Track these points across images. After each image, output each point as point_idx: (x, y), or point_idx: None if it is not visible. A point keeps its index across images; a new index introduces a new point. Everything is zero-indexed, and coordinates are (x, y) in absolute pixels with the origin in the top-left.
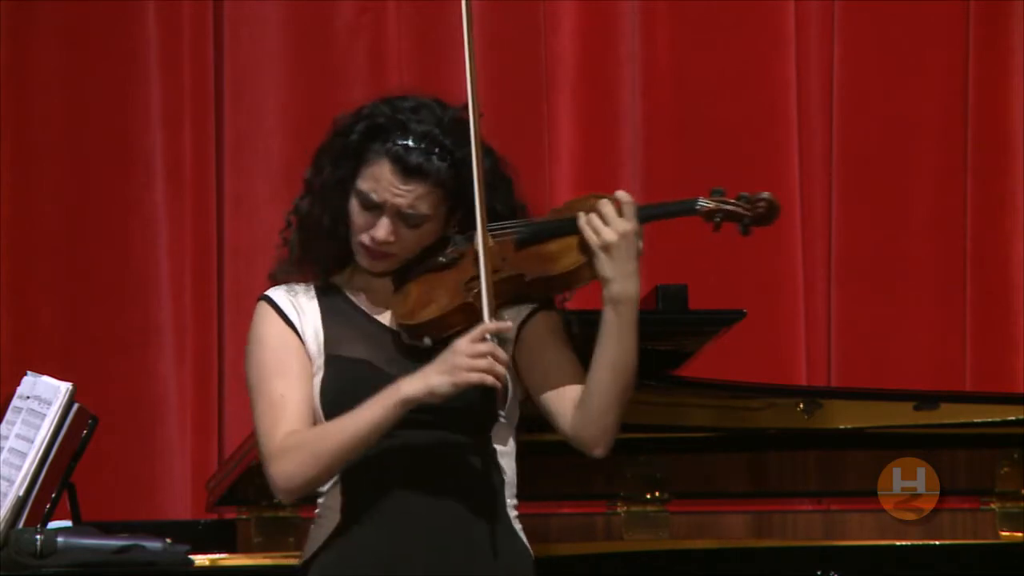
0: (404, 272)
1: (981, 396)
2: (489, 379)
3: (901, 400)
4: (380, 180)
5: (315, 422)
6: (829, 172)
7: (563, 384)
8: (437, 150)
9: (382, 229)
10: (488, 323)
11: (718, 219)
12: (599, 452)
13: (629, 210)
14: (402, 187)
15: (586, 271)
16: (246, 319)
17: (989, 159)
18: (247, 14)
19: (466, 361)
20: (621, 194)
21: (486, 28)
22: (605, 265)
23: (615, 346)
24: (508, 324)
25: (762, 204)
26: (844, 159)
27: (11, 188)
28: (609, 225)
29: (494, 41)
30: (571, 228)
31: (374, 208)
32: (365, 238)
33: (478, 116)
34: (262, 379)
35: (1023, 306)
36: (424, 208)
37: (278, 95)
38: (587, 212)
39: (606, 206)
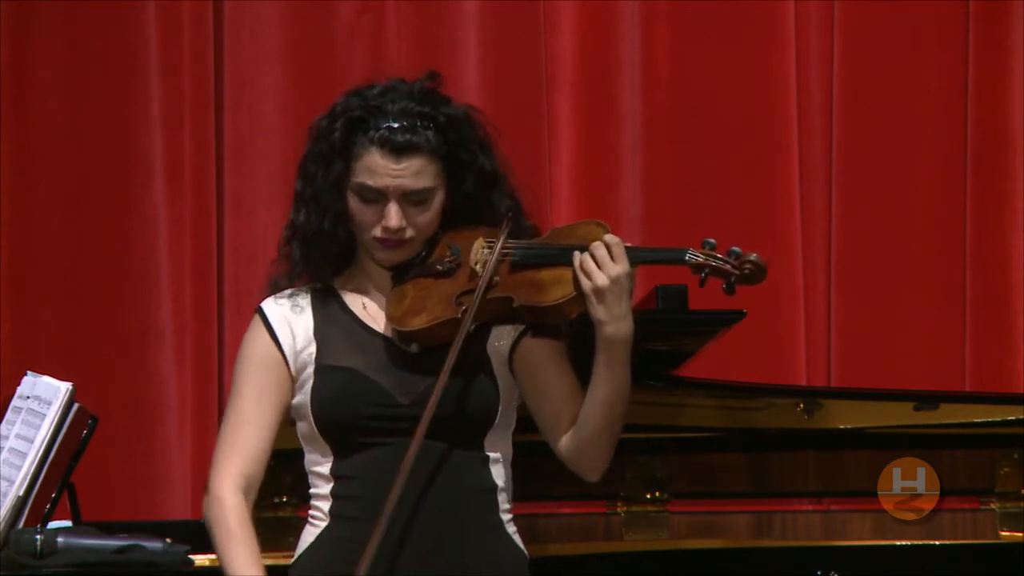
0: (405, 269)
1: (981, 396)
2: None
3: (901, 400)
4: (374, 168)
5: (311, 424)
6: (829, 172)
7: (558, 407)
8: (419, 121)
9: (393, 216)
10: None
11: (705, 273)
12: (593, 477)
13: (619, 252)
14: (397, 167)
15: (573, 306)
16: (246, 319)
17: (989, 158)
18: (247, 14)
19: None
20: (610, 237)
21: (486, 28)
22: (598, 309)
23: (608, 383)
24: None
25: (749, 266)
26: (844, 159)
27: (11, 188)
28: (602, 269)
29: (494, 41)
30: (566, 258)
31: (377, 198)
32: (377, 231)
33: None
34: (239, 393)
35: (1023, 306)
36: (426, 181)
37: (278, 95)
38: (581, 251)
39: (598, 249)
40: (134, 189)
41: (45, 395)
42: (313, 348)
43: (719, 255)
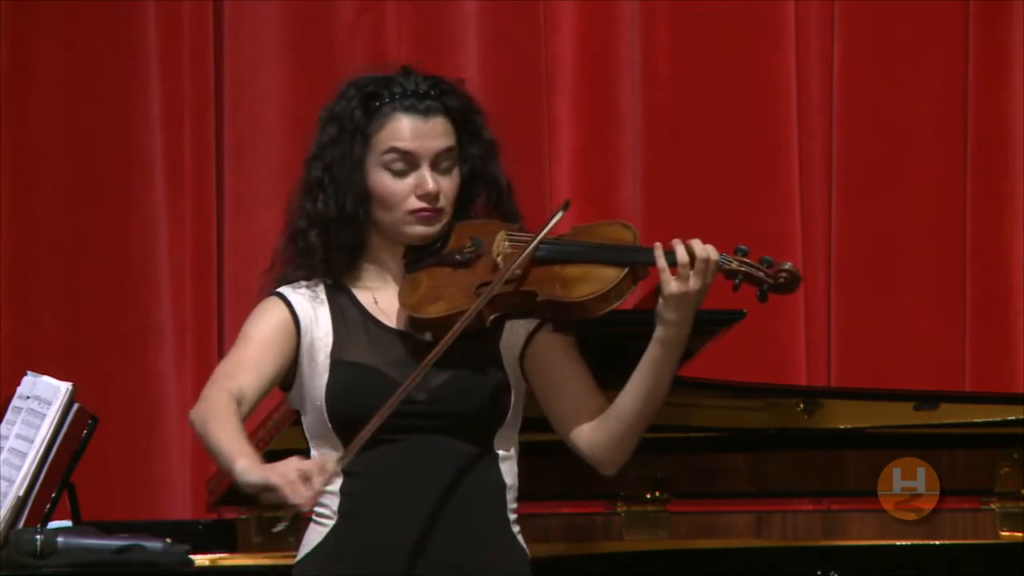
0: (417, 259)
1: (981, 396)
2: (292, 510)
3: (901, 400)
4: (403, 132)
5: (325, 419)
6: (829, 172)
7: (577, 401)
8: (433, 89)
9: (429, 180)
10: (334, 465)
11: (738, 280)
12: (611, 471)
13: (713, 268)
14: (426, 126)
15: (599, 304)
16: (246, 319)
17: (989, 158)
18: (247, 14)
19: (288, 482)
20: (713, 251)
21: (486, 28)
22: (672, 310)
23: (655, 381)
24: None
25: (784, 275)
26: (844, 159)
27: (11, 188)
28: (696, 277)
29: (494, 41)
30: (597, 256)
31: (408, 166)
32: (413, 201)
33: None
34: (244, 341)
35: (1023, 306)
36: (451, 140)
37: (278, 95)
38: (667, 251)
39: (705, 262)
40: (134, 189)
41: (45, 395)
42: (330, 340)
43: (753, 262)
